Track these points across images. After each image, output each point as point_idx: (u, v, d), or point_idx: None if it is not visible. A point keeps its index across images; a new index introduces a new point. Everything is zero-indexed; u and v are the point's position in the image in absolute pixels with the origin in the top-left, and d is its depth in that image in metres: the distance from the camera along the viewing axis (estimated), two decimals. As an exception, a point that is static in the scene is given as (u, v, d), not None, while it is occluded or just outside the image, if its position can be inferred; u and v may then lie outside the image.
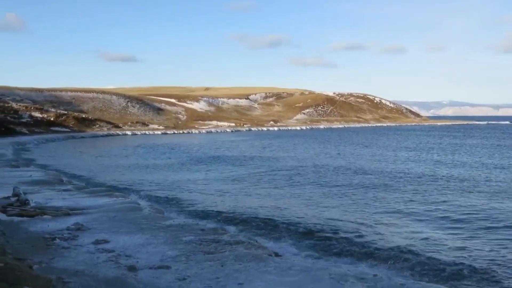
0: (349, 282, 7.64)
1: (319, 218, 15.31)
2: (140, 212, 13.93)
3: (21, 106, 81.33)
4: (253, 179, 25.42)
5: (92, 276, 8.02)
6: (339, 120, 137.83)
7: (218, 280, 7.96)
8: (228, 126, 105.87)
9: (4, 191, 16.33)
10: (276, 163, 33.59)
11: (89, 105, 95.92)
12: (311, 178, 25.08)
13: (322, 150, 46.41)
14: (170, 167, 31.88)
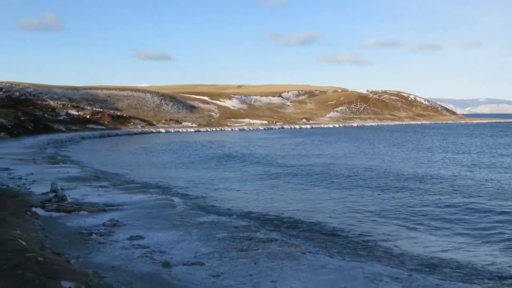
0: (383, 281, 7.56)
1: (352, 219, 15.19)
2: (174, 209, 14.07)
3: (58, 104, 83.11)
4: (286, 177, 25.39)
5: (128, 271, 8.15)
6: (373, 118, 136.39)
7: (251, 277, 7.98)
8: (260, 124, 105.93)
9: (42, 187, 16.72)
10: (309, 162, 33.45)
11: (124, 103, 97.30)
12: (344, 178, 24.86)
13: (356, 149, 46.01)
14: (203, 165, 32.10)
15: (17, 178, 19.80)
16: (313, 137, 67.51)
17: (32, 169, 23.23)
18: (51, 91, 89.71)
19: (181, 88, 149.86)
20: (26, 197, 14.83)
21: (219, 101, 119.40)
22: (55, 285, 5.95)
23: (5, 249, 7.63)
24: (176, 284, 7.52)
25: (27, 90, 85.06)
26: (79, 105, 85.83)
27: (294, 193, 20.33)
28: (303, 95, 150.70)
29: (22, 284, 6.01)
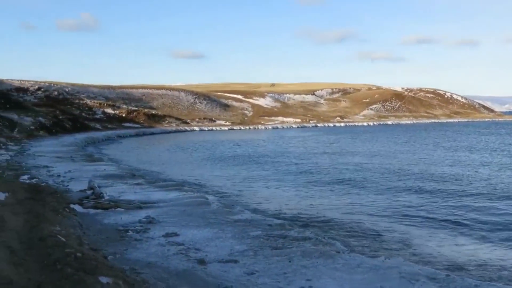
0: (420, 281, 7.45)
1: (388, 218, 15.01)
2: (208, 207, 14.17)
3: (95, 103, 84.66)
4: (320, 175, 25.25)
5: (164, 268, 8.25)
6: (408, 115, 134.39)
7: (286, 276, 7.98)
8: (294, 122, 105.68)
9: (80, 184, 17.07)
10: (343, 160, 33.20)
11: (159, 101, 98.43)
12: (380, 178, 24.57)
13: (391, 147, 45.43)
14: (237, 163, 32.21)
15: (56, 176, 20.27)
16: (347, 135, 66.98)
17: (70, 167, 23.75)
18: (88, 90, 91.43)
19: (214, 86, 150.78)
20: (64, 194, 15.18)
21: (252, 100, 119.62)
22: (93, 281, 6.07)
23: (45, 244, 7.82)
24: (211, 281, 7.57)
25: (65, 90, 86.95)
26: (115, 104, 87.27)
27: (329, 191, 20.21)
28: (337, 93, 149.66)
29: (62, 279, 6.15)
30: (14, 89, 79.13)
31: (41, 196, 14.01)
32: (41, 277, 6.33)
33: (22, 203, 12.37)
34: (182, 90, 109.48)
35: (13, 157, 28.16)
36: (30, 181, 17.73)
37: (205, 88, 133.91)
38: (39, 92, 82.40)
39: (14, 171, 21.00)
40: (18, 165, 24.29)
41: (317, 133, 75.89)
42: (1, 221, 9.07)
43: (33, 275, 6.40)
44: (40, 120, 60.42)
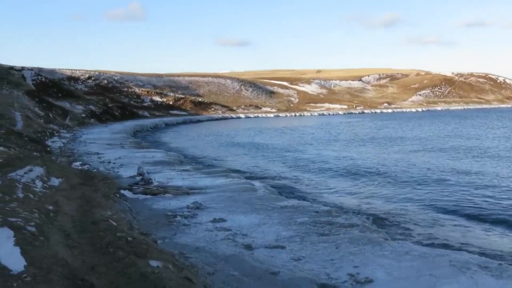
0: (471, 270, 7.28)
1: (437, 208, 14.72)
2: (254, 193, 14.25)
3: (143, 91, 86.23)
4: (369, 161, 24.94)
5: (211, 252, 8.36)
6: (458, 101, 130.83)
7: (333, 262, 7.95)
8: (340, 109, 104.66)
9: (130, 171, 17.47)
10: (391, 147, 32.69)
11: (205, 89, 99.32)
12: (430, 164, 24.08)
13: (441, 132, 44.36)
14: (283, 150, 32.19)
15: (107, 162, 20.81)
16: (395, 122, 65.81)
17: (120, 154, 24.32)
18: (136, 78, 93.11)
19: (260, 73, 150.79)
20: (115, 180, 15.57)
21: (298, 86, 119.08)
22: (144, 264, 6.22)
23: (97, 228, 8.06)
24: (258, 267, 7.63)
25: (114, 78, 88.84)
26: (162, 91, 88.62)
27: (376, 178, 19.95)
28: (384, 79, 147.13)
29: (114, 262, 6.33)
30: (66, 78, 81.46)
31: (92, 181, 14.42)
32: (94, 260, 6.54)
33: (75, 189, 12.78)
34: (228, 78, 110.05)
35: (65, 144, 29.09)
36: (82, 167, 18.28)
37: (250, 76, 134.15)
38: (90, 80, 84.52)
39: (67, 158, 21.69)
40: (71, 151, 25.07)
41: (364, 119, 74.90)
42: (56, 206, 9.40)
43: (87, 257, 6.61)
44: (90, 108, 62.05)
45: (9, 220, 7.02)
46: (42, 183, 11.85)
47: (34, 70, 73.37)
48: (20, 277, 4.99)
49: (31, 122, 33.88)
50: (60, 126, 42.76)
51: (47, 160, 16.91)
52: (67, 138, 34.11)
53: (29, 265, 5.41)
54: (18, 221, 7.10)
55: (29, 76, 69.95)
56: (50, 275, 5.23)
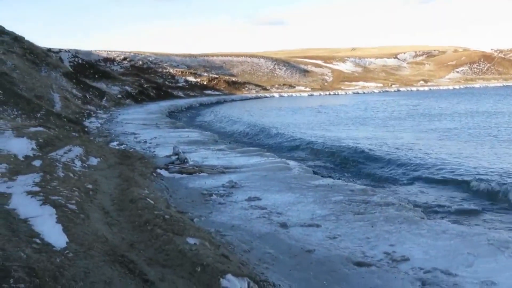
0: (510, 249, 7.17)
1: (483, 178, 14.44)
2: (289, 172, 14.26)
3: (177, 71, 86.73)
4: (404, 140, 24.56)
5: (247, 230, 8.45)
6: (497, 78, 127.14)
7: (369, 240, 7.94)
8: (375, 87, 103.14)
9: (165, 150, 17.70)
10: (424, 125, 32.10)
11: (238, 68, 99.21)
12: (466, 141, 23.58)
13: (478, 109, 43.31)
14: (318, 129, 31.99)
15: (143, 142, 21.12)
16: (431, 99, 64.49)
17: (155, 133, 24.65)
18: (170, 59, 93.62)
19: (293, 53, 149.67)
20: (151, 159, 15.80)
21: (332, 65, 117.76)
22: (181, 241, 6.33)
23: (136, 206, 8.23)
24: (293, 244, 7.68)
25: (149, 59, 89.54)
26: (196, 71, 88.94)
27: (414, 155, 19.66)
28: (421, 56, 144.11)
29: (152, 239, 6.47)
30: (101, 59, 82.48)
31: (129, 161, 14.67)
32: (133, 237, 6.69)
33: (112, 168, 13.03)
34: (261, 57, 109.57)
35: (102, 125, 29.62)
36: (119, 147, 18.62)
37: (284, 55, 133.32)
38: (125, 62, 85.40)
39: (104, 138, 22.11)
40: (108, 132, 25.52)
41: (400, 97, 73.65)
42: (95, 185, 9.62)
43: (126, 234, 6.77)
44: (126, 89, 62.85)
45: (51, 198, 7.22)
46: (81, 162, 12.12)
47: (71, 52, 74.59)
48: (63, 253, 5.15)
49: (69, 103, 34.53)
50: (97, 107, 43.48)
51: (85, 140, 17.27)
52: (104, 118, 34.70)
53: (71, 242, 5.58)
54: (59, 199, 7.30)
55: (66, 58, 71.17)
56: (91, 252, 5.38)
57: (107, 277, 4.66)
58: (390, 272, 6.54)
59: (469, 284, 6.04)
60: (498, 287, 5.99)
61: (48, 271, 4.42)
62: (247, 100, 76.71)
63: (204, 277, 5.29)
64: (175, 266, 5.59)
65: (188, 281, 5.22)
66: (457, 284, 6.01)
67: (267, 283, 5.93)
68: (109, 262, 5.20)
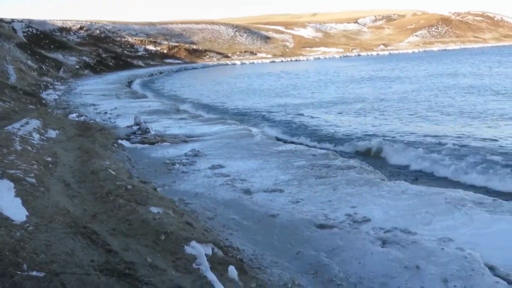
0: (466, 207, 7.41)
1: (434, 144, 14.79)
2: (252, 139, 14.29)
3: (136, 40, 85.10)
4: (362, 103, 24.89)
5: (211, 198, 8.48)
6: (455, 41, 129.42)
7: (331, 203, 8.07)
8: (336, 52, 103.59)
9: (126, 121, 17.47)
10: (384, 87, 32.55)
11: (199, 36, 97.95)
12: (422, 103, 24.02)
13: (434, 72, 44.06)
14: (279, 94, 32.06)
15: (103, 113, 20.77)
16: (391, 64, 65.22)
17: (115, 104, 24.26)
18: (128, 27, 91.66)
19: (255, 19, 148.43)
20: (112, 130, 15.59)
21: (293, 31, 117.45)
22: (144, 211, 6.31)
23: (97, 178, 8.13)
24: (257, 210, 7.75)
25: (106, 28, 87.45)
26: (156, 40, 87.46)
27: (370, 117, 19.96)
28: (381, 20, 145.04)
29: (115, 209, 6.43)
30: (57, 29, 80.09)
31: (90, 132, 14.44)
32: (95, 208, 6.63)
33: (72, 140, 12.81)
34: (222, 24, 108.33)
35: (60, 96, 28.94)
36: (78, 119, 18.27)
37: (245, 21, 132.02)
38: (82, 31, 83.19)
39: (63, 110, 21.63)
40: (66, 103, 24.96)
41: (360, 62, 74.23)
42: (54, 157, 9.45)
43: (88, 206, 6.70)
44: (84, 59, 61.38)
45: (9, 172, 7.07)
46: (39, 135, 11.87)
47: (24, 22, 72.16)
48: (23, 227, 5.07)
49: (24, 75, 33.57)
50: (54, 78, 42.40)
51: (43, 113, 16.88)
52: (61, 90, 33.88)
53: (31, 215, 5.49)
54: (18, 173, 7.15)
55: (20, 28, 68.80)
56: (52, 224, 5.31)
57: (69, 249, 4.62)
58: (351, 233, 6.68)
59: (427, 241, 6.22)
60: (455, 243, 6.19)
61: (7, 245, 4.35)
62: (208, 68, 76.05)
63: (168, 245, 5.30)
64: (139, 236, 5.58)
65: (152, 249, 5.22)
66: (415, 242, 6.19)
67: (232, 248, 5.99)
68: (71, 234, 5.15)
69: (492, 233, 6.48)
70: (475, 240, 6.27)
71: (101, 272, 4.22)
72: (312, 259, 5.95)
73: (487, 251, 5.94)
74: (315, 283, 5.37)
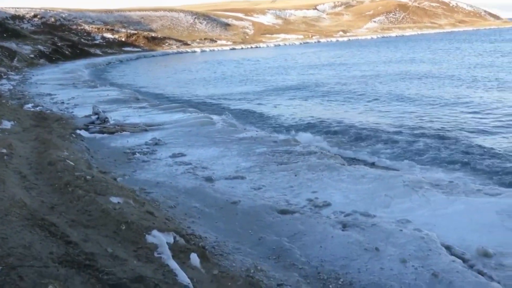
0: (423, 188, 7.60)
1: (394, 127, 15.08)
2: (213, 126, 14.25)
3: (93, 28, 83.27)
4: (323, 88, 25.11)
5: (172, 187, 8.43)
6: (412, 27, 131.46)
7: (292, 189, 8.15)
8: (296, 39, 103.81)
9: (84, 110, 17.13)
10: (344, 73, 32.92)
11: (158, 23, 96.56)
12: (378, 87, 24.43)
13: (391, 59, 44.79)
14: (240, 81, 32.04)
15: (60, 103, 20.31)
16: (350, 49, 65.92)
17: (73, 94, 23.76)
18: (85, 15, 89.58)
19: (214, 6, 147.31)
20: (70, 120, 15.27)
21: (253, 17, 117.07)
22: (104, 201, 6.23)
23: (55, 169, 7.97)
24: (219, 197, 7.76)
25: (62, 16, 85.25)
26: (113, 28, 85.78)
27: (333, 103, 20.18)
28: (340, 7, 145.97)
29: (74, 200, 6.32)
30: (9, 17, 77.57)
31: (46, 123, 14.12)
32: (53, 200, 6.50)
33: (28, 131, 12.49)
34: (181, 11, 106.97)
35: (15, 87, 28.10)
36: (34, 109, 17.80)
37: (204, 8, 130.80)
38: (36, 19, 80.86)
39: (18, 100, 21.03)
40: (21, 94, 24.27)
41: (320, 48, 74.73)
42: (9, 149, 9.19)
43: (46, 198, 6.57)
44: (39, 48, 59.71)
45: (-39, 165, 6.85)
46: (-6, 126, 11.52)
47: (-26, 10, 69.57)
48: (-22, 221, 4.93)
49: (-24, 65, 32.45)
50: (8, 68, 41.13)
51: (-3, 104, 16.37)
52: (16, 80, 32.90)
53: (-14, 209, 5.34)
54: (-29, 166, 6.94)
55: (-30, 16, 66.34)
56: (8, 217, 5.18)
57: (27, 242, 4.52)
58: (312, 218, 6.77)
59: (386, 223, 6.36)
60: (413, 224, 6.36)
61: (-39, 240, 4.24)
62: (168, 56, 75.19)
63: (129, 235, 5.25)
64: (99, 226, 5.51)
65: (113, 239, 5.17)
66: (375, 225, 6.32)
67: (194, 236, 5.99)
68: (29, 227, 5.04)
69: (448, 214, 6.68)
70: (432, 221, 6.46)
71: (60, 264, 4.16)
72: (274, 244, 6.01)
73: (443, 231, 6.13)
74: (277, 268, 5.43)
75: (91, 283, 3.95)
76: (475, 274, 5.01)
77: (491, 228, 6.11)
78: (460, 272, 5.03)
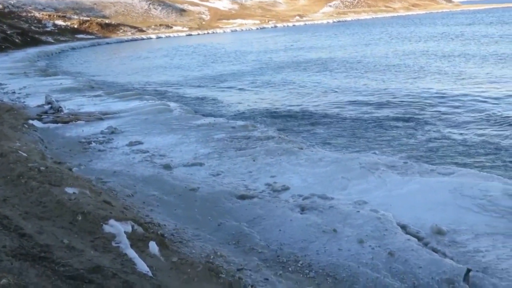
0: (379, 170, 7.75)
1: (351, 111, 15.26)
2: (170, 113, 14.12)
3: (44, 15, 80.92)
4: (280, 74, 25.17)
5: (130, 175, 8.33)
6: (367, 11, 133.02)
7: (251, 174, 8.17)
8: (252, 24, 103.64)
9: (37, 100, 16.69)
10: (300, 58, 33.07)
11: (111, 10, 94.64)
12: (338, 71, 24.69)
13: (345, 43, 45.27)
14: (196, 68, 31.79)
15: (11, 93, 19.72)
16: (306, 34, 66.22)
17: (24, 83, 23.09)
18: (35, 1, 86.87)
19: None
20: (21, 110, 14.85)
21: (209, 3, 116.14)
22: (59, 192, 6.10)
23: (7, 160, 7.74)
24: (177, 185, 7.71)
25: (10, 2, 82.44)
26: (65, 14, 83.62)
27: (289, 88, 20.25)
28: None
29: (27, 192, 6.16)
30: (-46, 4, 74.57)
31: (-3, 113, 13.67)
32: (5, 192, 6.32)
33: (-22, 122, 12.08)
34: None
35: (-38, 77, 27.11)
36: (-16, 100, 17.23)
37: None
38: (-18, 6, 77.97)
39: (-34, 91, 20.31)
40: (-31, 84, 23.45)
41: (276, 33, 74.78)
42: (-42, 141, 8.88)
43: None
44: (-13, 37, 57.69)
45: None
46: None
47: None
48: None
49: None
50: (-45, 58, 39.62)
51: None
52: (-37, 70, 31.75)
53: None
54: None
55: None
56: (-42, 211, 5.02)
57: (-22, 236, 4.39)
58: (271, 202, 6.81)
59: (343, 205, 6.46)
60: (369, 205, 6.48)
61: None
62: (123, 43, 73.87)
63: (85, 225, 5.16)
64: (54, 217, 5.39)
65: (69, 230, 5.07)
66: (332, 207, 6.41)
67: (152, 224, 5.94)
68: (-20, 221, 4.89)
69: (403, 194, 6.84)
70: (388, 202, 6.60)
71: (14, 257, 4.05)
72: (234, 229, 6.03)
73: (399, 211, 6.27)
74: (237, 253, 5.45)
75: (46, 275, 3.87)
76: (429, 252, 5.16)
77: (445, 206, 6.28)
78: (415, 250, 5.16)
